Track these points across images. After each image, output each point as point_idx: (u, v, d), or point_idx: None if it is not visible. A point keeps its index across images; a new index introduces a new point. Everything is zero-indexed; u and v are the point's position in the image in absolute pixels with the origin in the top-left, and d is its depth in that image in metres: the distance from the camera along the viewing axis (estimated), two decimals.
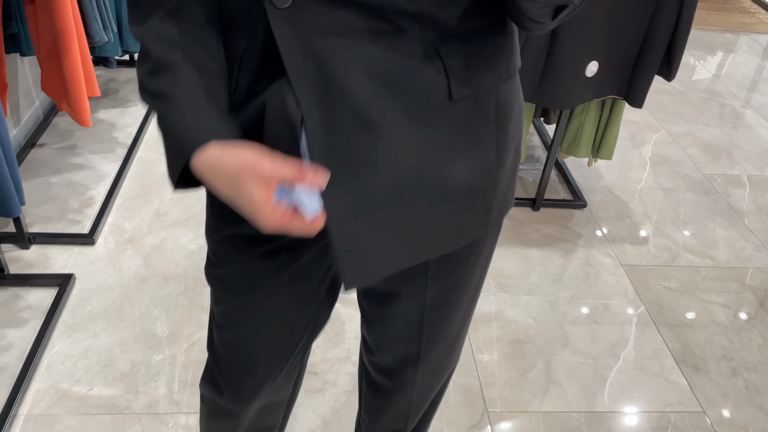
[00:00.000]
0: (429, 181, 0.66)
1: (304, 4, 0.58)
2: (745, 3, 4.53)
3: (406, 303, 0.84)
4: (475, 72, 0.64)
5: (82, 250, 1.89)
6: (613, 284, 1.97)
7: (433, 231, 0.70)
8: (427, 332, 0.89)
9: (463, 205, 0.70)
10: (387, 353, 0.95)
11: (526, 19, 0.61)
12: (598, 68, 1.83)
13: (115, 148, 2.34)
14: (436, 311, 0.86)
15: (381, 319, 0.90)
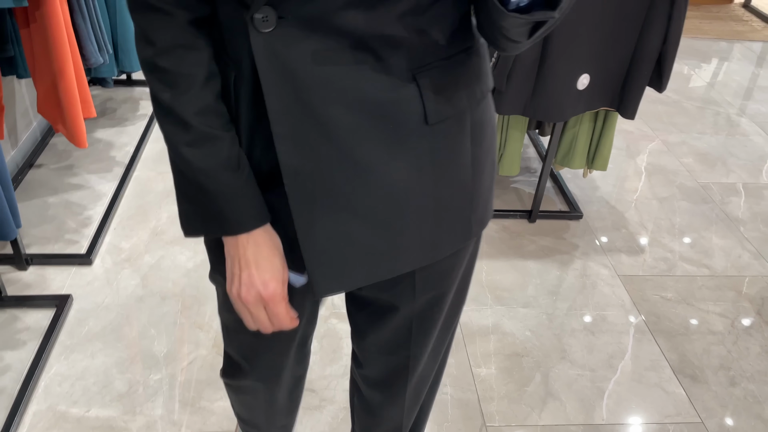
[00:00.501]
0: (407, 201, 0.69)
1: (286, 30, 0.59)
2: (737, 11, 4.56)
3: (394, 313, 0.86)
4: (450, 96, 0.67)
5: (80, 270, 1.90)
6: (610, 295, 1.98)
7: (411, 245, 0.72)
8: (416, 341, 0.90)
9: (441, 220, 0.73)
10: (377, 365, 0.96)
11: (503, 39, 0.62)
12: (590, 81, 1.85)
13: (113, 167, 2.35)
14: (423, 320, 0.87)
15: (371, 329, 0.91)
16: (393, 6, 0.59)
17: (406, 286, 0.82)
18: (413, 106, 0.65)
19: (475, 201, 0.75)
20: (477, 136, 0.72)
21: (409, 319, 0.87)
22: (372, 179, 0.66)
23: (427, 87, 0.65)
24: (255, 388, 1.01)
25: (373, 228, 0.69)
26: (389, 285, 0.81)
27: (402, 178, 0.67)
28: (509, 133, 2.12)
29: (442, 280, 0.83)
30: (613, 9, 1.74)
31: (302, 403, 1.56)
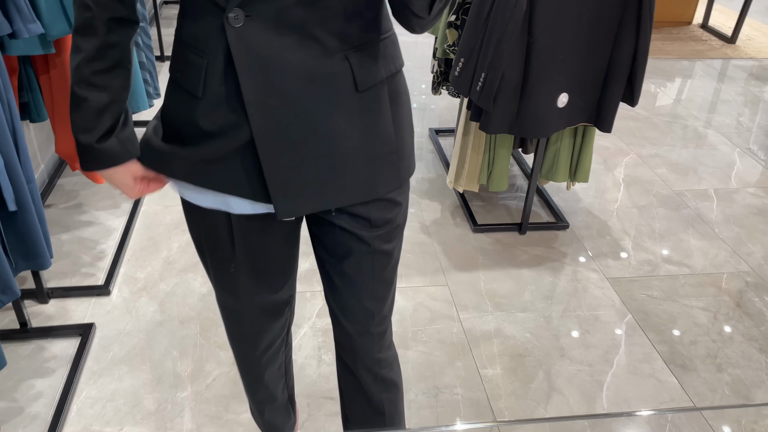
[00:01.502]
0: (346, 147, 0.91)
1: (252, 25, 0.81)
2: (696, 32, 4.85)
3: (359, 254, 1.04)
4: (372, 70, 0.90)
5: (99, 300, 1.98)
6: (601, 296, 2.11)
7: (352, 183, 0.94)
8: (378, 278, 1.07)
9: (375, 164, 0.95)
10: (355, 310, 1.10)
11: (411, 16, 0.85)
12: (568, 99, 2.01)
13: (120, 203, 2.45)
14: (382, 257, 1.05)
15: (343, 274, 1.07)
16: (325, 4, 0.82)
17: (363, 229, 1.01)
18: (346, 77, 0.87)
19: (400, 152, 0.98)
20: (395, 100, 0.95)
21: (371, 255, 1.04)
22: (318, 131, 0.88)
23: (355, 63, 0.87)
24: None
25: (320, 167, 0.91)
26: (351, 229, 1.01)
27: (340, 130, 0.89)
28: (497, 152, 2.28)
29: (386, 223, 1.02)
30: (586, 33, 1.92)
31: (323, 409, 1.66)
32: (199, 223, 1.04)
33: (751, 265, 2.29)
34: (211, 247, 1.05)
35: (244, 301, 1.11)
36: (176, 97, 0.92)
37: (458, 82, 2.02)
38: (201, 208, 1.00)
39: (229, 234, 1.01)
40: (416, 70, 3.90)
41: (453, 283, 2.14)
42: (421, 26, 0.89)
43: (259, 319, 1.15)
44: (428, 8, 0.83)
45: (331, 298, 1.12)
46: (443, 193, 2.64)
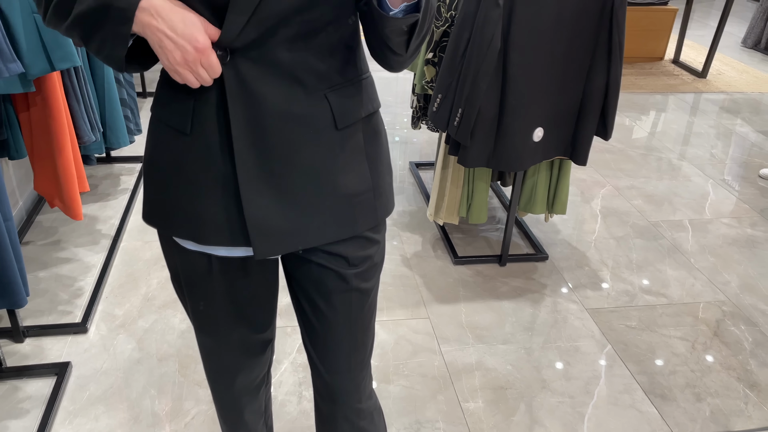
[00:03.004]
0: (325, 185, 0.92)
1: (239, 63, 0.83)
2: (668, 66, 5.00)
3: (336, 293, 1.03)
4: (351, 110, 0.92)
5: (76, 338, 1.95)
6: (581, 327, 2.13)
7: (330, 221, 0.95)
8: (356, 319, 1.06)
9: (352, 202, 0.96)
10: (334, 355, 1.09)
11: (388, 53, 0.88)
12: (544, 133, 2.06)
13: (100, 240, 2.44)
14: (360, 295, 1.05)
15: (320, 314, 1.06)
16: (306, 46, 0.85)
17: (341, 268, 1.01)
18: (325, 116, 0.90)
19: (377, 191, 0.99)
20: (372, 139, 0.98)
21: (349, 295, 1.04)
22: (297, 169, 0.90)
23: (334, 103, 0.90)
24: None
25: (298, 205, 0.91)
26: (327, 270, 1.01)
27: (319, 168, 0.91)
28: (475, 185, 2.31)
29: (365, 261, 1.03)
30: (559, 70, 1.97)
31: None
32: (177, 259, 1.03)
33: (727, 295, 2.33)
34: (189, 284, 1.05)
35: (224, 340, 1.11)
36: (160, 137, 0.93)
37: (436, 117, 2.06)
38: (179, 245, 1.00)
39: (209, 273, 1.01)
40: (397, 105, 3.96)
41: (434, 315, 2.14)
42: (399, 64, 0.92)
43: (238, 358, 1.14)
44: (405, 45, 0.86)
45: (308, 341, 1.11)
46: (424, 226, 2.66)
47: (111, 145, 2.36)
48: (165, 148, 0.92)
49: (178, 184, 0.92)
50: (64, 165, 1.83)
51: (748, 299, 2.31)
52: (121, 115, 2.33)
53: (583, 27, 1.92)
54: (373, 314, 1.12)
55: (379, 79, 4.36)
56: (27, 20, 1.53)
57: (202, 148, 0.89)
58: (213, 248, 0.97)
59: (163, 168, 0.93)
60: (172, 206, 0.94)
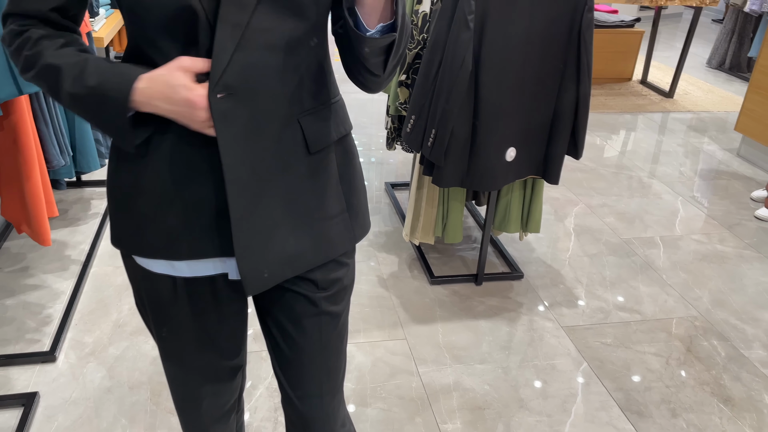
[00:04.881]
0: (302, 210, 0.93)
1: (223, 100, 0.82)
2: (636, 87, 5.12)
3: (305, 317, 1.02)
4: (323, 133, 0.93)
5: (44, 368, 1.90)
6: (557, 345, 2.14)
7: (310, 246, 0.95)
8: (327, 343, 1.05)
9: (329, 224, 0.97)
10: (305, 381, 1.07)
11: (365, 74, 0.88)
12: (516, 153, 2.09)
13: (69, 265, 2.38)
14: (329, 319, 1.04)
15: (289, 339, 1.04)
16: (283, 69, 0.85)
17: (310, 294, 1.00)
18: (298, 140, 0.90)
19: (352, 211, 1.00)
20: (345, 161, 0.99)
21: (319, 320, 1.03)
22: (274, 196, 0.89)
23: (307, 127, 0.91)
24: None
25: (280, 233, 0.91)
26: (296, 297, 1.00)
27: (295, 193, 0.92)
28: (450, 205, 2.32)
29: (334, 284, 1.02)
30: (530, 90, 2.01)
31: None
32: (141, 284, 1.01)
33: (699, 310, 2.36)
34: (154, 309, 1.03)
35: (190, 366, 1.08)
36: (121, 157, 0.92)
37: (410, 138, 2.08)
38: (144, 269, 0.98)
39: (174, 297, 0.99)
40: (372, 126, 3.98)
41: (411, 336, 2.13)
42: (377, 84, 0.92)
43: (205, 385, 1.11)
44: (383, 66, 0.87)
45: (278, 368, 1.09)
46: (400, 246, 2.66)
47: (81, 169, 2.33)
48: (127, 167, 0.91)
49: (143, 203, 0.90)
50: (32, 190, 1.79)
51: (719, 314, 2.34)
52: (91, 138, 2.30)
53: (552, 49, 1.96)
54: (345, 338, 1.10)
55: (354, 100, 4.38)
56: None
57: (164, 168, 0.88)
58: (179, 266, 0.95)
59: (127, 188, 0.92)
60: (138, 225, 0.92)
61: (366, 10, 0.82)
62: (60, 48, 0.84)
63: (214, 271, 0.96)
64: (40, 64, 0.83)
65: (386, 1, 0.82)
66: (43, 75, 0.84)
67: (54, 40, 0.85)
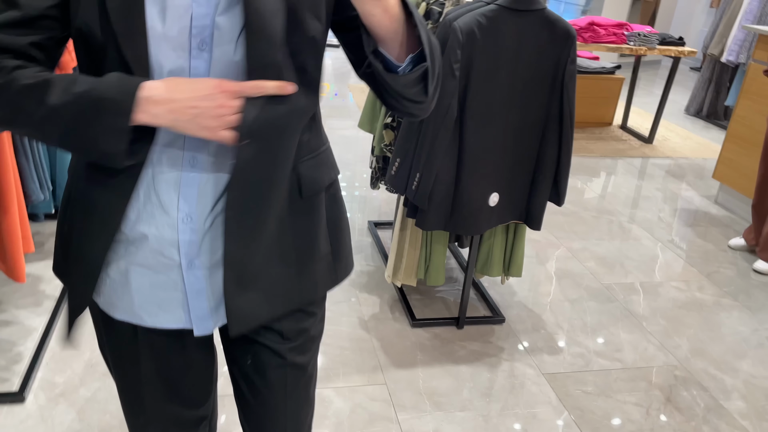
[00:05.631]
0: (290, 249, 0.93)
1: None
2: (616, 132, 5.22)
3: (271, 368, 1.01)
4: (316, 179, 0.95)
5: (11, 408, 1.84)
6: (538, 393, 2.12)
7: (293, 286, 0.95)
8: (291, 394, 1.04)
9: (314, 266, 0.97)
10: (268, 430, 1.06)
11: (408, 103, 0.86)
12: (499, 198, 2.10)
13: (43, 301, 2.33)
14: (295, 371, 1.03)
15: (255, 390, 1.04)
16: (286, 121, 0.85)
17: (277, 343, 0.99)
18: (294, 186, 0.92)
19: (336, 254, 1.02)
20: (333, 205, 1.01)
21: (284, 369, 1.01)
22: (266, 234, 0.90)
23: (303, 174, 0.93)
24: None
25: (266, 273, 0.91)
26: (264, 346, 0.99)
27: (285, 233, 0.93)
28: (433, 247, 2.32)
29: (303, 334, 1.02)
30: (513, 140, 2.03)
31: None
32: (102, 328, 0.99)
33: (678, 359, 2.36)
34: (115, 356, 1.00)
35: (151, 415, 1.04)
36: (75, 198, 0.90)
37: (394, 181, 2.08)
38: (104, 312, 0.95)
39: (134, 344, 0.97)
40: (357, 163, 4.00)
41: (392, 381, 2.10)
42: (424, 109, 0.89)
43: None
44: (424, 92, 0.84)
45: (243, 417, 1.07)
46: (382, 287, 2.64)
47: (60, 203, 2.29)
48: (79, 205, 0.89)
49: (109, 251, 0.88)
50: (8, 225, 1.76)
51: (698, 363, 2.35)
52: None
53: (535, 98, 1.99)
54: (311, 387, 1.09)
55: (339, 137, 4.41)
56: None
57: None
58: (146, 316, 0.93)
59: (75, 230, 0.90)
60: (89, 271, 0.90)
61: (389, 47, 0.80)
62: (39, 72, 0.77)
63: (177, 325, 0.93)
64: (14, 88, 0.75)
65: (407, 30, 0.80)
66: (19, 97, 0.75)
67: (31, 68, 0.77)
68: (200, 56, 0.79)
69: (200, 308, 0.92)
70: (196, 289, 0.90)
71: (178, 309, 0.92)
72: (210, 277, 0.90)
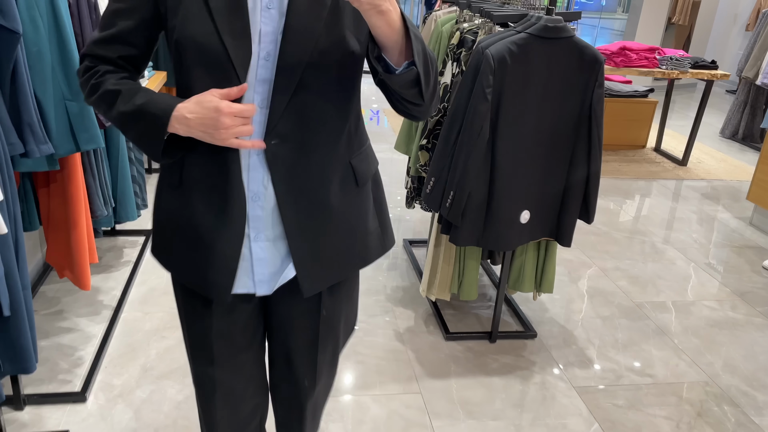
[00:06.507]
0: (351, 228, 1.16)
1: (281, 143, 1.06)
2: (650, 155, 5.25)
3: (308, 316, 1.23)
4: (365, 170, 1.18)
5: (74, 407, 1.99)
6: (569, 405, 2.18)
7: (354, 255, 1.19)
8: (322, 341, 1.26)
9: (368, 238, 1.21)
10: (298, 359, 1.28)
11: (408, 105, 1.04)
12: (530, 216, 2.20)
13: (101, 310, 2.50)
14: (327, 322, 1.25)
15: (282, 337, 1.26)
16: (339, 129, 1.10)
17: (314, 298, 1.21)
18: (350, 177, 1.14)
19: (383, 228, 1.25)
20: (377, 190, 1.25)
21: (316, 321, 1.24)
22: (333, 220, 1.13)
23: (356, 167, 1.15)
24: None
25: (333, 247, 1.14)
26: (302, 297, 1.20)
27: (347, 216, 1.15)
28: (466, 263, 2.42)
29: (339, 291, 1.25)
30: (543, 159, 2.13)
31: None
32: (177, 287, 1.20)
33: (709, 375, 2.40)
34: (190, 318, 1.21)
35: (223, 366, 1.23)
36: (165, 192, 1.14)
37: (429, 198, 2.20)
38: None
39: (208, 309, 1.17)
40: (392, 184, 4.13)
41: (426, 390, 2.19)
42: (423, 112, 1.08)
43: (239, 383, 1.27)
44: (420, 95, 1.02)
45: (271, 358, 1.31)
46: (416, 302, 2.75)
47: (120, 219, 2.48)
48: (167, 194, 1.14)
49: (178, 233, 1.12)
50: (77, 237, 1.93)
51: (730, 380, 2.38)
52: (131, 191, 2.46)
53: (564, 121, 2.10)
54: (337, 346, 1.31)
55: None
56: (58, 106, 1.68)
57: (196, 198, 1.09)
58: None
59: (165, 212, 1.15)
60: (173, 249, 1.14)
61: (389, 54, 0.99)
62: (120, 79, 1.06)
63: (243, 290, 1.14)
64: (103, 89, 1.04)
65: (405, 42, 0.98)
66: (103, 97, 1.04)
67: (116, 74, 1.07)
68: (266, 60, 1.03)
69: (262, 274, 1.13)
70: (260, 257, 1.11)
71: (244, 276, 1.12)
72: (271, 248, 1.11)
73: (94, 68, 1.07)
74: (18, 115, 1.50)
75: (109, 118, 1.07)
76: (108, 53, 1.06)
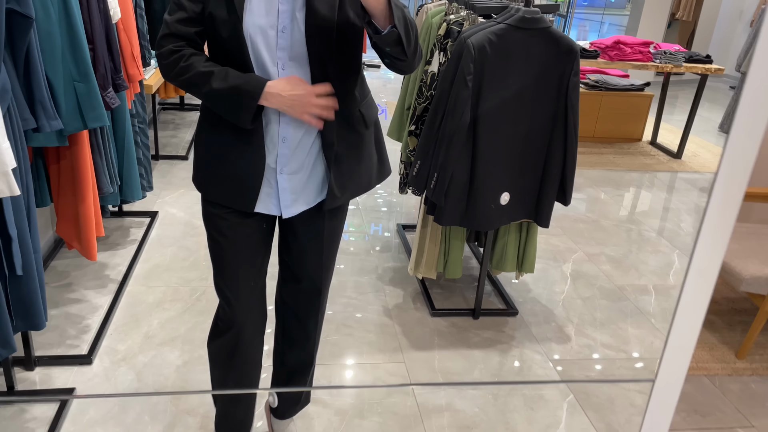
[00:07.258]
0: (363, 160, 1.54)
1: None
2: (646, 148, 5.34)
3: (312, 235, 1.59)
4: (370, 115, 1.54)
5: (81, 369, 2.14)
6: (545, 377, 2.31)
7: (364, 180, 1.56)
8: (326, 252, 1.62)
9: (374, 168, 1.59)
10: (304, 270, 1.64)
11: (395, 61, 1.35)
12: (510, 198, 2.32)
13: (107, 283, 2.66)
14: (328, 239, 1.61)
15: (299, 246, 1.61)
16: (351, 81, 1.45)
17: (318, 217, 1.56)
18: (361, 120, 1.50)
19: (381, 160, 1.61)
20: (376, 131, 1.60)
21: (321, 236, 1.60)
22: (350, 153, 1.50)
23: (365, 113, 1.51)
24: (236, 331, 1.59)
25: (351, 173, 1.51)
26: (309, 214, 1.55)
27: (360, 151, 1.53)
28: (451, 243, 2.55)
29: (336, 215, 1.60)
30: (522, 144, 2.26)
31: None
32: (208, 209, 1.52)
33: None
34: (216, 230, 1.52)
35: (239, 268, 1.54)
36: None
37: (416, 180, 2.33)
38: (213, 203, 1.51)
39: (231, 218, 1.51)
40: None
41: (410, 360, 2.33)
42: (408, 66, 1.38)
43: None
44: (404, 52, 1.31)
45: (286, 255, 1.65)
46: (406, 281, 2.88)
47: (126, 198, 2.62)
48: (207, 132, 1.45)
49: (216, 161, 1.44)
50: (85, 211, 2.08)
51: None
52: (137, 172, 2.61)
53: (541, 108, 2.22)
54: (336, 249, 1.67)
55: None
56: (68, 86, 1.82)
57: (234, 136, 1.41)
58: None
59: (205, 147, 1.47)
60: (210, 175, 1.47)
61: (376, 20, 1.26)
62: (206, 62, 1.33)
63: (270, 211, 1.49)
64: (194, 71, 1.31)
65: (388, 11, 1.24)
66: (195, 78, 1.31)
67: (200, 57, 1.34)
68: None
69: (286, 200, 1.47)
70: (283, 187, 1.45)
71: (270, 200, 1.47)
72: (293, 180, 1.45)
73: (180, 51, 1.32)
74: (31, 94, 1.64)
75: (199, 94, 1.33)
76: (187, 31, 1.32)
